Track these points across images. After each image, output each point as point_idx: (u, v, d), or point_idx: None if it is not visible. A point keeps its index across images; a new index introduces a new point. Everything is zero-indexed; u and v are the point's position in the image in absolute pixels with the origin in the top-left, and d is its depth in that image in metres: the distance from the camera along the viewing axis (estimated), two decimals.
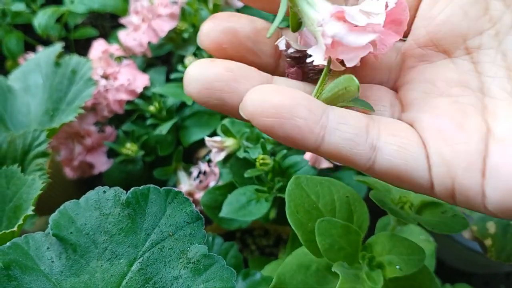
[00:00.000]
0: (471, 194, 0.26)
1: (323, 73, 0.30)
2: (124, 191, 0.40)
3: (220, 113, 0.69)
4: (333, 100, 0.30)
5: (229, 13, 0.31)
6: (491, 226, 0.50)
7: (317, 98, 0.30)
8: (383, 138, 0.28)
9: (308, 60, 0.29)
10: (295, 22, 0.31)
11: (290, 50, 0.31)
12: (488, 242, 0.49)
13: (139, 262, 0.37)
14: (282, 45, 0.31)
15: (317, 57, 0.29)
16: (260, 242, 0.78)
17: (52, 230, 0.38)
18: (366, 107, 0.30)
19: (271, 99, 0.26)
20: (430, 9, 0.31)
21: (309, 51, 0.29)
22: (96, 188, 0.40)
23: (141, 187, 0.39)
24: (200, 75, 0.28)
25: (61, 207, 0.40)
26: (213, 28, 0.30)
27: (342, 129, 0.27)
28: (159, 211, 0.39)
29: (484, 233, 0.50)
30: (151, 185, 0.39)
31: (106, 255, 0.38)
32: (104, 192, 0.40)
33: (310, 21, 0.29)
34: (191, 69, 0.29)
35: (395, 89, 0.33)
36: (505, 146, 0.26)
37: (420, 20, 0.31)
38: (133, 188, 0.39)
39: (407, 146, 0.28)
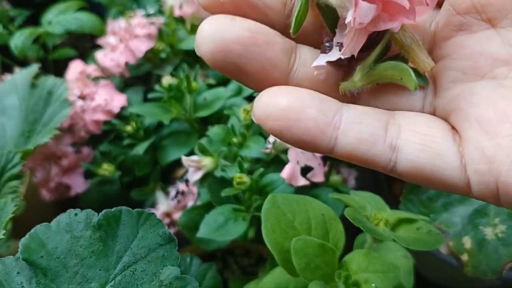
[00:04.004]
0: None
1: (376, 49, 0.27)
2: (96, 213, 0.39)
3: (198, 132, 0.69)
4: (381, 78, 0.27)
5: None
6: (467, 241, 0.50)
7: (365, 70, 0.27)
8: (404, 136, 0.26)
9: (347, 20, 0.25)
10: (328, 18, 0.27)
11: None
12: (464, 257, 0.50)
13: (110, 286, 0.37)
14: (321, 74, 0.28)
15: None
16: (241, 261, 0.78)
17: (22, 254, 0.38)
18: (419, 83, 0.27)
19: (278, 102, 0.25)
20: None
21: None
22: (68, 210, 0.40)
23: (112, 209, 0.39)
24: (216, 35, 0.24)
25: (32, 230, 0.39)
26: None
27: (356, 128, 0.25)
28: (131, 233, 0.38)
29: (460, 248, 0.50)
30: (123, 207, 0.39)
31: (77, 279, 0.37)
32: (76, 214, 0.39)
33: None
34: (205, 26, 0.25)
35: None
36: None
37: None
38: (104, 210, 0.39)
39: (430, 144, 0.25)
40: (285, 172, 0.55)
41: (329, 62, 0.27)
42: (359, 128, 0.25)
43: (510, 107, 0.24)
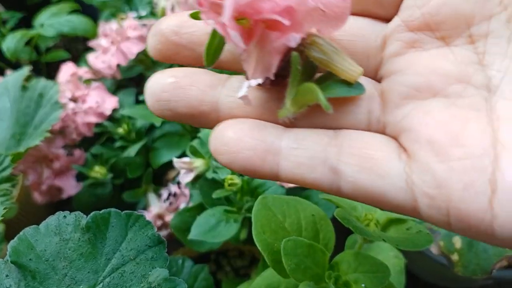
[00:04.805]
0: (472, 221, 0.22)
1: (291, 74, 0.26)
2: (85, 216, 0.39)
3: (189, 133, 0.69)
4: (307, 101, 0.26)
5: (165, 17, 0.30)
6: (457, 241, 0.50)
7: (292, 95, 0.26)
8: (344, 158, 0.25)
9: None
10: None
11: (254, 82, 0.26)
12: (454, 257, 0.50)
13: None
14: (247, 102, 0.27)
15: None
16: (235, 263, 0.78)
17: (10, 257, 0.38)
18: (353, 94, 0.26)
19: (222, 136, 0.26)
20: None
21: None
22: (57, 213, 0.40)
23: (101, 211, 0.38)
24: (151, 88, 0.28)
25: (21, 233, 0.39)
26: (150, 35, 0.29)
27: (295, 153, 0.25)
28: (120, 235, 0.38)
29: (450, 248, 0.50)
30: (112, 209, 0.39)
31: (66, 281, 0.37)
32: (65, 217, 0.39)
33: None
34: (147, 84, 0.28)
35: (376, 79, 0.28)
36: None
37: None
38: (93, 212, 0.38)
39: (370, 166, 0.24)
40: None
41: (254, 87, 0.27)
42: (297, 153, 0.25)
43: (462, 129, 0.23)
